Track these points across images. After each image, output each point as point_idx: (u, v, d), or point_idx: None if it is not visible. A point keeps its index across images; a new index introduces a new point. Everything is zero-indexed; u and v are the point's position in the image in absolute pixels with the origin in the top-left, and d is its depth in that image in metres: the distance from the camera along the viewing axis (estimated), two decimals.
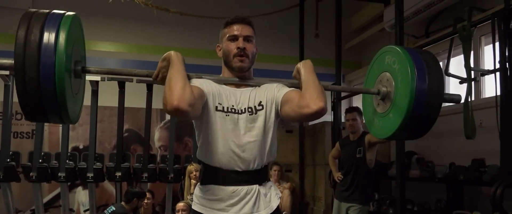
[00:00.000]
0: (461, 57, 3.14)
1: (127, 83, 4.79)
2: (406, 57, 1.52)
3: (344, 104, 4.80)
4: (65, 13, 1.45)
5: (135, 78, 4.83)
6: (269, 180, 1.65)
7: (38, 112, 1.35)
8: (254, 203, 1.53)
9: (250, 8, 5.85)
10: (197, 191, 1.61)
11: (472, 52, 3.16)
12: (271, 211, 1.56)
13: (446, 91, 4.64)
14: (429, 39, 4.26)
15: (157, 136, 6.03)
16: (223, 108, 1.55)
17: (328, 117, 4.89)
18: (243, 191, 1.52)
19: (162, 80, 1.50)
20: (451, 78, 4.19)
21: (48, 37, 1.31)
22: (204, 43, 6.28)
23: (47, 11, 1.42)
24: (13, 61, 1.31)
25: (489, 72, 3.10)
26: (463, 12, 3.31)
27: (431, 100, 1.49)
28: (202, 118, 1.53)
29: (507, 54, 2.74)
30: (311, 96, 1.43)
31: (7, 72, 4.45)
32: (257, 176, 1.56)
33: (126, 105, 4.93)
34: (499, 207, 2.61)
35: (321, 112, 1.41)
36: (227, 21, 1.67)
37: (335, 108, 4.72)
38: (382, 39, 5.78)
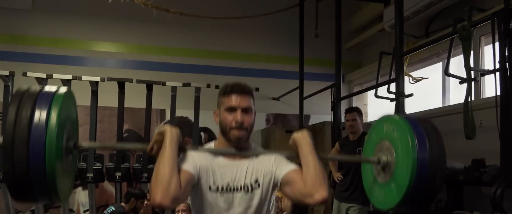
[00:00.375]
0: (461, 57, 3.14)
1: (127, 84, 4.79)
2: (405, 126, 1.48)
3: (344, 105, 4.80)
4: (58, 90, 1.39)
5: (134, 79, 4.83)
6: None
7: (27, 193, 1.30)
8: None
9: (250, 8, 5.85)
10: None
11: (472, 52, 3.16)
12: None
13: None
14: (429, 39, 4.26)
15: None
16: (218, 187, 1.52)
17: (328, 117, 4.89)
18: None
19: (156, 153, 1.47)
20: (451, 78, 4.19)
21: (39, 115, 1.28)
22: (204, 43, 6.29)
23: (39, 89, 1.36)
24: (1, 139, 1.27)
25: (489, 72, 3.09)
26: (463, 12, 3.31)
27: (434, 171, 1.43)
28: (196, 195, 1.52)
29: (507, 54, 2.73)
30: (314, 185, 1.41)
31: (6, 73, 4.45)
32: None
33: (126, 105, 4.92)
34: (499, 207, 2.61)
35: (323, 201, 1.42)
36: (226, 90, 1.58)
37: (335, 108, 4.72)
38: (382, 39, 5.78)
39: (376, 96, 4.58)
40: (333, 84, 4.85)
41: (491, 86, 3.29)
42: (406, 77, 4.32)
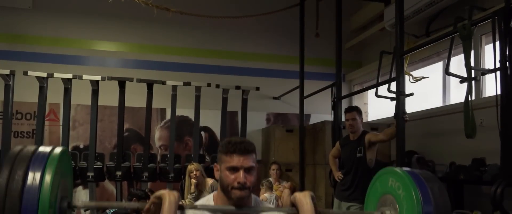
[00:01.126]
0: (461, 57, 3.14)
1: (127, 83, 4.80)
2: (408, 180, 1.47)
3: (344, 104, 4.80)
4: (53, 151, 1.37)
5: (135, 78, 4.84)
6: None
7: None
8: None
9: (250, 7, 5.85)
10: None
11: (472, 51, 3.15)
12: None
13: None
14: (430, 38, 4.26)
15: (158, 135, 6.03)
16: None
17: (328, 116, 4.89)
18: None
19: (154, 212, 1.48)
20: (451, 77, 4.19)
21: (33, 178, 1.25)
22: (205, 42, 6.29)
23: (33, 149, 1.34)
24: None
25: (489, 71, 3.09)
26: (464, 11, 3.31)
27: None
28: None
29: (507, 53, 2.73)
30: None
31: (7, 72, 4.45)
32: None
33: (126, 104, 4.93)
34: (499, 206, 2.61)
35: None
36: (228, 148, 1.54)
37: (335, 108, 4.72)
38: (382, 38, 5.78)
39: (377, 95, 4.58)
40: (334, 84, 4.84)
41: (491, 86, 3.29)
42: (406, 77, 4.32)
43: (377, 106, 6.09)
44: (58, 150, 1.38)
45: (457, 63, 3.77)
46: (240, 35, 6.32)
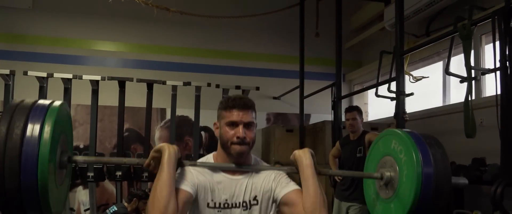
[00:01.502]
0: (461, 56, 3.14)
1: (127, 83, 4.79)
2: (410, 142, 1.46)
3: (344, 104, 4.80)
4: (52, 103, 1.34)
5: (135, 78, 4.84)
6: None
7: (17, 208, 1.24)
8: None
9: (250, 7, 5.85)
10: None
11: (472, 51, 3.15)
12: None
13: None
14: (430, 38, 4.26)
15: (158, 135, 6.03)
16: (215, 204, 1.51)
17: (329, 116, 4.89)
18: None
19: (154, 169, 1.47)
20: (451, 77, 4.19)
21: (32, 129, 1.23)
22: (205, 42, 6.29)
23: (33, 102, 1.32)
24: None
25: (489, 71, 3.09)
26: (464, 10, 3.31)
27: (438, 187, 1.41)
28: (193, 212, 1.51)
29: (507, 53, 2.73)
30: (314, 210, 1.42)
31: (7, 72, 4.45)
32: None
33: (126, 104, 4.93)
34: (499, 206, 2.61)
35: None
36: (227, 104, 1.54)
37: (336, 107, 4.72)
38: (382, 38, 5.78)
39: (377, 95, 4.58)
40: (334, 84, 4.84)
41: (491, 85, 3.29)
42: (406, 76, 4.32)
43: (377, 106, 6.09)
44: (57, 103, 1.35)
45: (457, 63, 3.77)
46: (240, 35, 6.31)
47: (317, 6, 5.36)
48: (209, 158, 1.62)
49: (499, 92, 2.81)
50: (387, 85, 4.21)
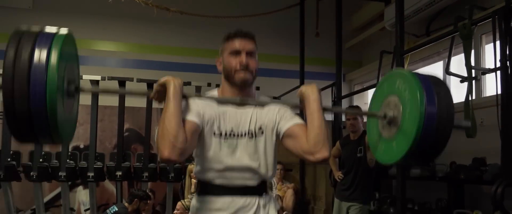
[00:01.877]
0: (461, 56, 3.14)
1: (127, 83, 4.79)
2: (414, 80, 1.45)
3: (344, 104, 4.80)
4: (58, 31, 1.34)
5: (135, 78, 4.84)
6: (269, 193, 1.63)
7: (28, 133, 1.25)
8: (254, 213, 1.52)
9: (250, 7, 5.85)
10: (194, 202, 1.60)
11: (472, 50, 3.15)
12: None
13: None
14: (430, 38, 4.25)
15: None
16: (221, 132, 1.52)
17: (329, 116, 4.89)
18: (241, 201, 1.51)
19: (158, 98, 1.49)
20: (452, 77, 4.18)
21: (39, 55, 1.22)
22: (205, 42, 6.28)
23: (39, 29, 1.31)
24: (0, 79, 1.22)
25: (489, 71, 3.09)
26: (464, 10, 3.30)
27: (441, 126, 1.40)
28: (199, 142, 1.51)
29: (507, 52, 2.73)
30: (317, 144, 1.42)
31: None
32: (257, 190, 1.55)
33: (126, 104, 4.93)
34: (500, 206, 2.61)
35: (323, 161, 1.44)
36: (229, 35, 1.61)
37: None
38: (382, 38, 5.78)
39: None
40: (334, 83, 4.84)
41: (492, 85, 3.28)
42: None
43: None
44: (63, 30, 1.35)
45: (458, 63, 3.76)
46: None
47: (317, 6, 5.36)
48: (214, 93, 1.64)
49: (499, 92, 2.81)
50: None
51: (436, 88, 1.44)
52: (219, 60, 1.66)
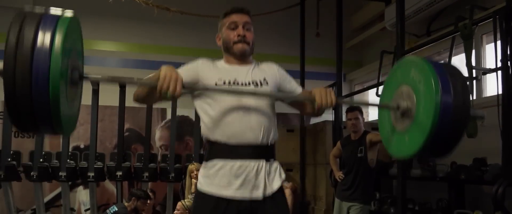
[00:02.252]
0: (462, 56, 3.14)
1: (127, 83, 4.79)
2: (430, 71, 1.38)
3: (345, 104, 4.79)
4: (63, 14, 1.28)
5: (135, 78, 4.84)
6: (275, 160, 1.73)
7: (29, 121, 1.19)
8: (258, 181, 1.58)
9: (250, 7, 5.82)
10: (201, 171, 1.65)
11: (473, 51, 3.15)
12: (272, 191, 1.60)
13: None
14: (431, 38, 4.25)
15: (158, 135, 6.03)
16: (224, 82, 1.62)
17: (329, 116, 4.88)
18: (249, 166, 1.57)
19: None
20: None
21: (43, 39, 1.15)
22: (205, 42, 6.25)
23: (43, 11, 1.24)
24: (2, 64, 1.15)
25: (490, 71, 3.08)
26: (465, 10, 3.30)
27: (457, 117, 1.34)
28: (201, 96, 1.61)
29: (508, 52, 2.73)
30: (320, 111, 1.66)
31: None
32: (264, 152, 1.63)
33: (126, 104, 4.93)
34: (500, 206, 2.61)
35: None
36: (226, 12, 1.76)
37: (336, 107, 4.71)
38: (383, 38, 5.77)
39: (377, 95, 4.56)
40: (334, 83, 4.84)
41: (492, 85, 3.28)
42: None
43: None
44: (68, 13, 1.30)
45: (458, 63, 3.76)
46: None
47: (318, 6, 5.36)
48: (220, 62, 1.80)
49: (500, 92, 2.81)
50: None
51: (452, 79, 1.38)
52: (219, 36, 1.82)
